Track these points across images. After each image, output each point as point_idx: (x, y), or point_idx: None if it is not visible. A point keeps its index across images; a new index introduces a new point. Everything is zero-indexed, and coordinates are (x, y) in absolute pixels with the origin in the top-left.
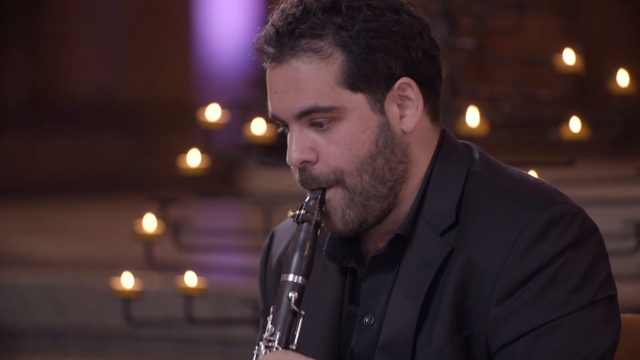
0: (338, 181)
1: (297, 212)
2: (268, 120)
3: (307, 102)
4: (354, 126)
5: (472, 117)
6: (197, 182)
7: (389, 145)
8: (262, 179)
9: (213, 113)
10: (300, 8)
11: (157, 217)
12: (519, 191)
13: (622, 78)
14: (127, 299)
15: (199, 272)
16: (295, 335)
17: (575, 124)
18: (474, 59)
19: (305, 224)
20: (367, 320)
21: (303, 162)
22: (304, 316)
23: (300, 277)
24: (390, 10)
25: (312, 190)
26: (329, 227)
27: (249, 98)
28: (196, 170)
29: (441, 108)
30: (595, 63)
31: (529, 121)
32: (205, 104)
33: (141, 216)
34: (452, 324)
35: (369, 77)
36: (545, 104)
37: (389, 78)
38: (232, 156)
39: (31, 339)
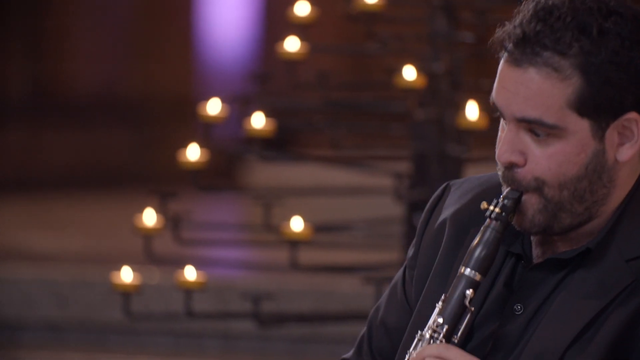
0: (537, 188)
1: (492, 208)
2: (268, 115)
3: (532, 113)
4: (570, 147)
5: (472, 110)
6: (197, 176)
7: (597, 171)
8: (262, 173)
9: (213, 107)
10: (554, 16)
11: (157, 211)
12: None
13: None
14: (127, 293)
15: (198, 266)
16: (459, 329)
17: None
18: (474, 52)
19: (496, 222)
20: (517, 307)
21: (510, 163)
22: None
23: (478, 274)
24: (638, 43)
25: (510, 189)
26: (515, 221)
27: (249, 92)
28: (196, 164)
29: None
30: None
31: None
32: (206, 98)
33: (141, 210)
34: (608, 350)
35: (599, 107)
36: None
37: (618, 110)
38: (232, 150)
39: (32, 332)
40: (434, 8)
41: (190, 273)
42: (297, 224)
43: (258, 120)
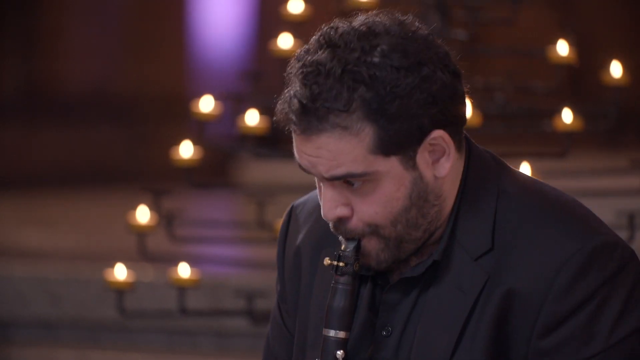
0: (372, 232)
1: (336, 263)
2: (261, 112)
3: (339, 171)
4: (387, 186)
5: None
6: (190, 174)
7: (422, 196)
8: (255, 171)
9: (206, 104)
10: (322, 75)
11: (151, 208)
12: (557, 218)
13: (616, 69)
14: (120, 290)
15: (192, 263)
16: None
17: (567, 115)
18: (467, 50)
19: (345, 276)
20: (385, 331)
21: (337, 219)
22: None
23: (343, 332)
24: (413, 65)
25: (347, 239)
26: (364, 265)
27: (243, 89)
28: (190, 161)
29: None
30: (589, 54)
31: (522, 112)
32: (199, 96)
33: (134, 208)
34: (488, 355)
35: (400, 143)
36: (539, 95)
37: (420, 135)
38: (226, 148)
39: (25, 329)
40: (427, 6)
41: (183, 270)
42: None
43: (251, 118)
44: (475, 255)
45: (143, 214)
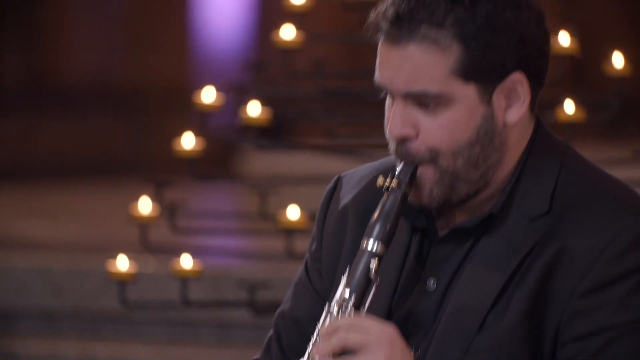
0: (432, 160)
1: (388, 181)
2: (264, 103)
3: (417, 86)
4: (459, 113)
5: None
6: (192, 165)
7: (488, 135)
8: (257, 162)
9: (209, 96)
10: None
11: (153, 199)
12: (615, 194)
13: (618, 60)
14: (122, 281)
15: (194, 254)
16: (366, 301)
17: (569, 106)
18: None
19: (394, 194)
20: (430, 284)
21: (402, 138)
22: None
23: (381, 245)
24: (511, 6)
25: (404, 163)
26: (414, 198)
27: (245, 81)
28: (192, 152)
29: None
30: (591, 45)
31: None
32: (201, 87)
33: (137, 199)
34: (527, 308)
35: (482, 71)
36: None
37: (502, 72)
38: (228, 139)
39: (27, 321)
40: None
41: (186, 262)
42: (292, 213)
43: (254, 109)
44: (531, 216)
45: (145, 205)
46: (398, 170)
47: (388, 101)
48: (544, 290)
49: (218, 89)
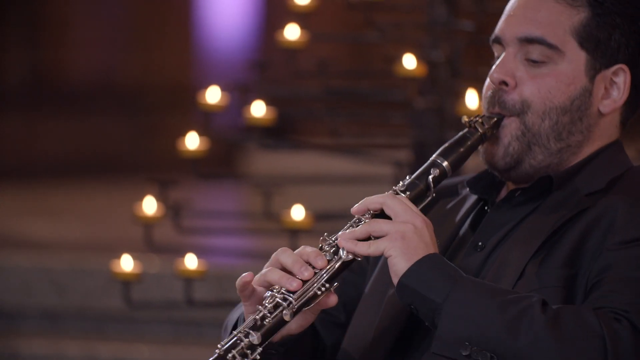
0: (520, 113)
1: (473, 118)
2: (268, 103)
3: (536, 32)
4: (562, 75)
5: (472, 99)
6: (197, 165)
7: (580, 111)
8: (261, 162)
9: (213, 95)
10: None
11: (157, 199)
12: None
13: None
14: (126, 281)
15: (198, 254)
16: (418, 207)
17: None
18: (474, 40)
19: (474, 129)
20: (479, 244)
21: (501, 82)
22: (432, 198)
23: (447, 163)
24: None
25: (492, 112)
26: (488, 151)
27: (249, 80)
28: (196, 152)
29: (631, 120)
30: None
31: None
32: (205, 86)
33: (141, 198)
34: (565, 260)
35: (598, 43)
36: None
37: (613, 57)
38: (232, 138)
39: (30, 320)
40: None
41: (190, 261)
42: (297, 212)
43: (258, 109)
44: (586, 192)
45: (149, 205)
46: (486, 114)
47: (496, 59)
48: (582, 246)
49: (222, 89)
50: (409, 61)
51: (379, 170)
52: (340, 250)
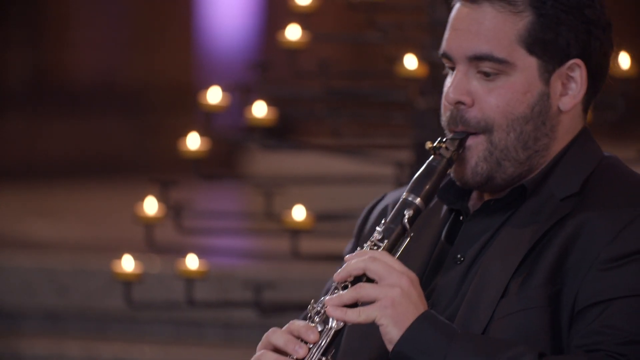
0: (485, 130)
1: (437, 144)
2: (269, 103)
3: (483, 48)
4: (517, 84)
5: None
6: (198, 165)
7: (542, 115)
8: (263, 162)
9: (214, 96)
10: None
11: (158, 199)
12: None
13: (624, 60)
14: (128, 281)
15: (200, 254)
16: (398, 251)
17: None
18: None
19: (440, 156)
20: (458, 259)
21: (458, 102)
22: (410, 238)
23: (419, 199)
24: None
25: (455, 132)
26: (457, 173)
27: (250, 81)
28: (197, 153)
29: (592, 106)
30: None
31: None
32: (207, 87)
33: (142, 199)
34: (548, 275)
35: (547, 45)
36: None
37: (564, 54)
38: (233, 139)
39: (31, 321)
40: None
41: (191, 262)
42: (298, 213)
43: (259, 109)
44: (562, 196)
45: (151, 205)
46: (449, 136)
47: (448, 78)
48: (564, 260)
49: (223, 89)
50: (410, 61)
51: (380, 171)
52: (330, 320)
